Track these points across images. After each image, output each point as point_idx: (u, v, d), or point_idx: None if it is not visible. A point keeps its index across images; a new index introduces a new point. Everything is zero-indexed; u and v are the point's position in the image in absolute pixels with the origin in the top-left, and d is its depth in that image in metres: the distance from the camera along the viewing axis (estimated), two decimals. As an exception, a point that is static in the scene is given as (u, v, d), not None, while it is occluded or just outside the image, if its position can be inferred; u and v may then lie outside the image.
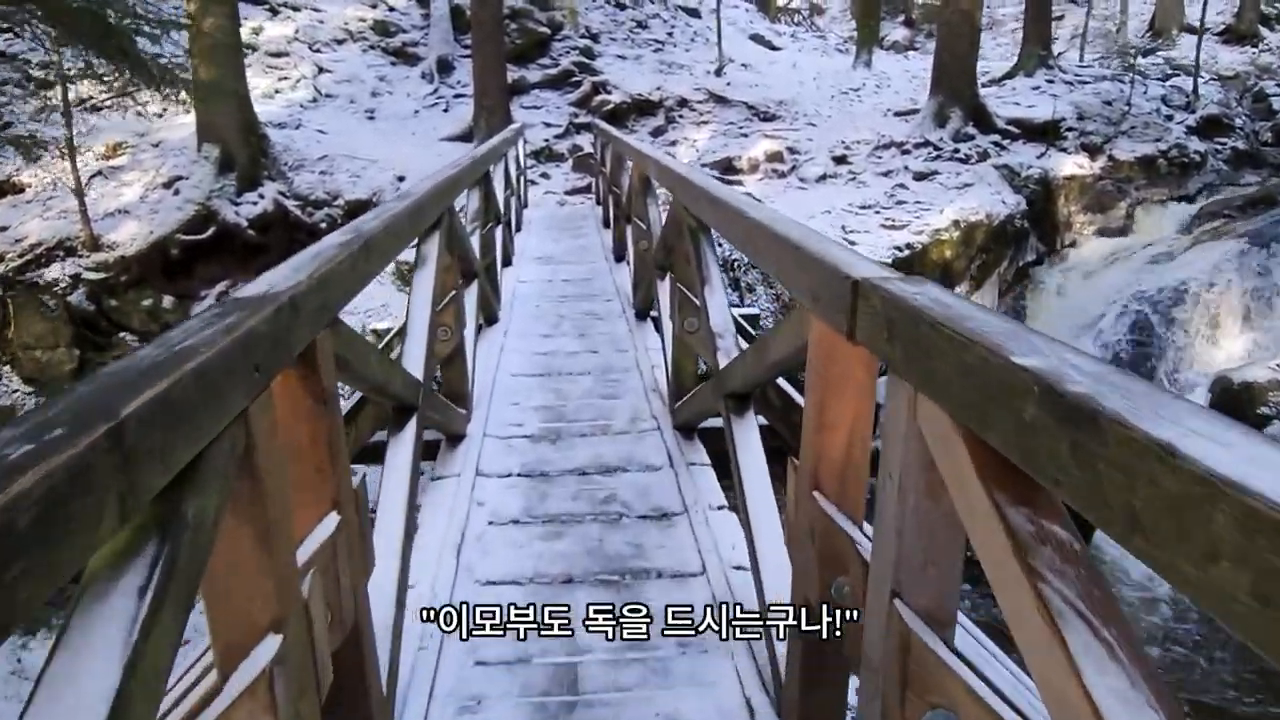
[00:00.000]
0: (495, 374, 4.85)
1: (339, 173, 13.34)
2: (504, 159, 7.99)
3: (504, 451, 3.85)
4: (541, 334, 5.71)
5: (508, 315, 6.14)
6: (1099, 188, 15.42)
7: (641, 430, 4.06)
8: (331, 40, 15.71)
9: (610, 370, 4.96)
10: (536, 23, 16.48)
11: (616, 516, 3.25)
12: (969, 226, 12.18)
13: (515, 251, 8.33)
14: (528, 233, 9.72)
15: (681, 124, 16.37)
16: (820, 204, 13.75)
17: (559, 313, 6.23)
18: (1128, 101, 16.75)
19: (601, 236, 9.28)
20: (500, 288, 6.41)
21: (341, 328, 1.99)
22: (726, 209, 2.69)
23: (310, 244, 2.18)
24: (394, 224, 2.48)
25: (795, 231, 1.94)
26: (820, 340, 1.77)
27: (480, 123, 14.49)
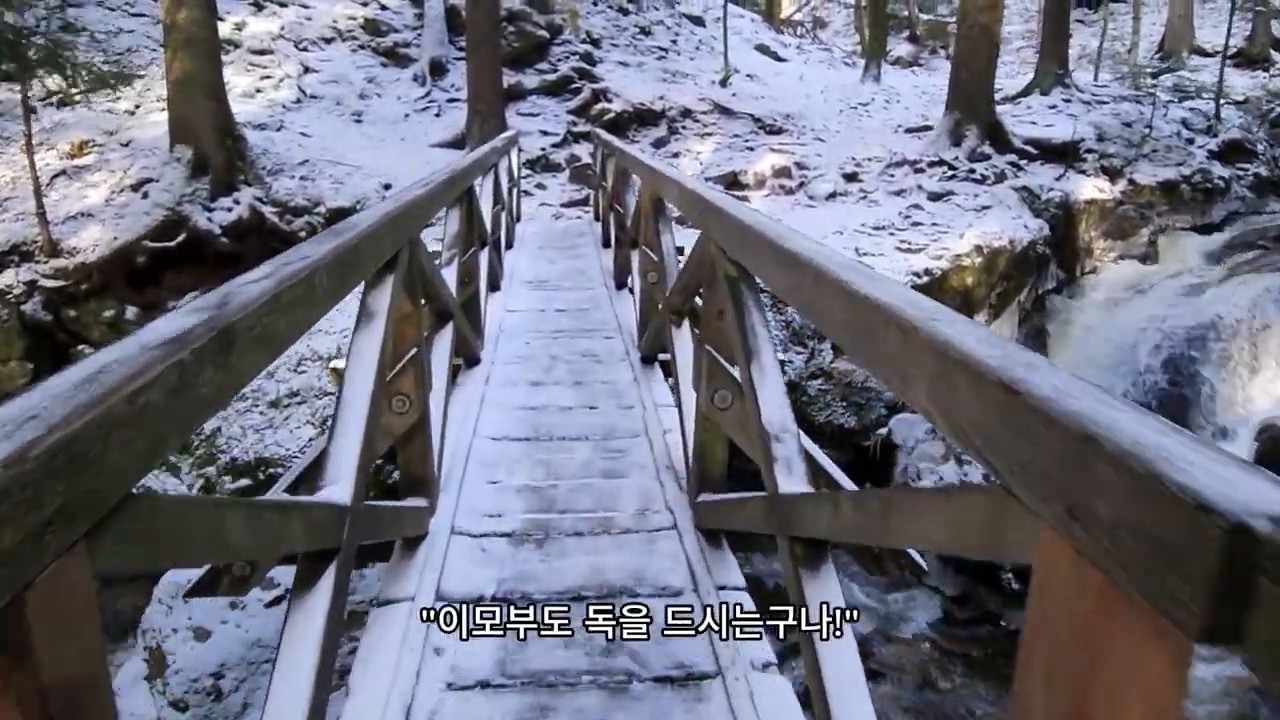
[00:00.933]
0: (471, 438, 3.91)
1: (321, 178, 12.39)
2: (494, 170, 7.07)
3: (474, 560, 2.90)
4: (530, 381, 4.77)
5: (491, 354, 5.20)
6: (1120, 213, 14.57)
7: (654, 529, 3.11)
8: (319, 38, 14.77)
9: (613, 434, 4.02)
10: (535, 26, 15.57)
11: (624, 680, 2.31)
12: (992, 252, 11.29)
13: (505, 273, 7.41)
14: (519, 250, 8.79)
15: (684, 135, 15.48)
16: (831, 223, 12.86)
17: (551, 352, 5.29)
18: (1148, 124, 15.93)
19: (600, 257, 8.36)
20: (484, 319, 5.47)
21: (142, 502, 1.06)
22: (805, 268, 1.77)
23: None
24: (296, 290, 1.55)
25: (1021, 368, 1.00)
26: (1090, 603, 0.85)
27: (473, 129, 13.56)
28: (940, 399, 1.15)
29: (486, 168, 6.46)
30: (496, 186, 7.18)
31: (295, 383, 9.46)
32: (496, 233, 7.04)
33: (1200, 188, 15.03)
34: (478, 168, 5.50)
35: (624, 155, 6.43)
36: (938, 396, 1.15)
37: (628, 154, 6.14)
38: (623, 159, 6.54)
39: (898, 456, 9.37)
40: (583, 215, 12.70)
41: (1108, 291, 13.27)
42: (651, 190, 4.79)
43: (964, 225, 12.31)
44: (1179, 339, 10.64)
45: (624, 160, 6.46)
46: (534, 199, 13.18)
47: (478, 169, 5.49)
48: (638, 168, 5.33)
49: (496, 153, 7.11)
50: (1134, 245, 14.49)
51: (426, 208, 3.13)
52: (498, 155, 7.27)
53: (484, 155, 5.97)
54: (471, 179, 5.01)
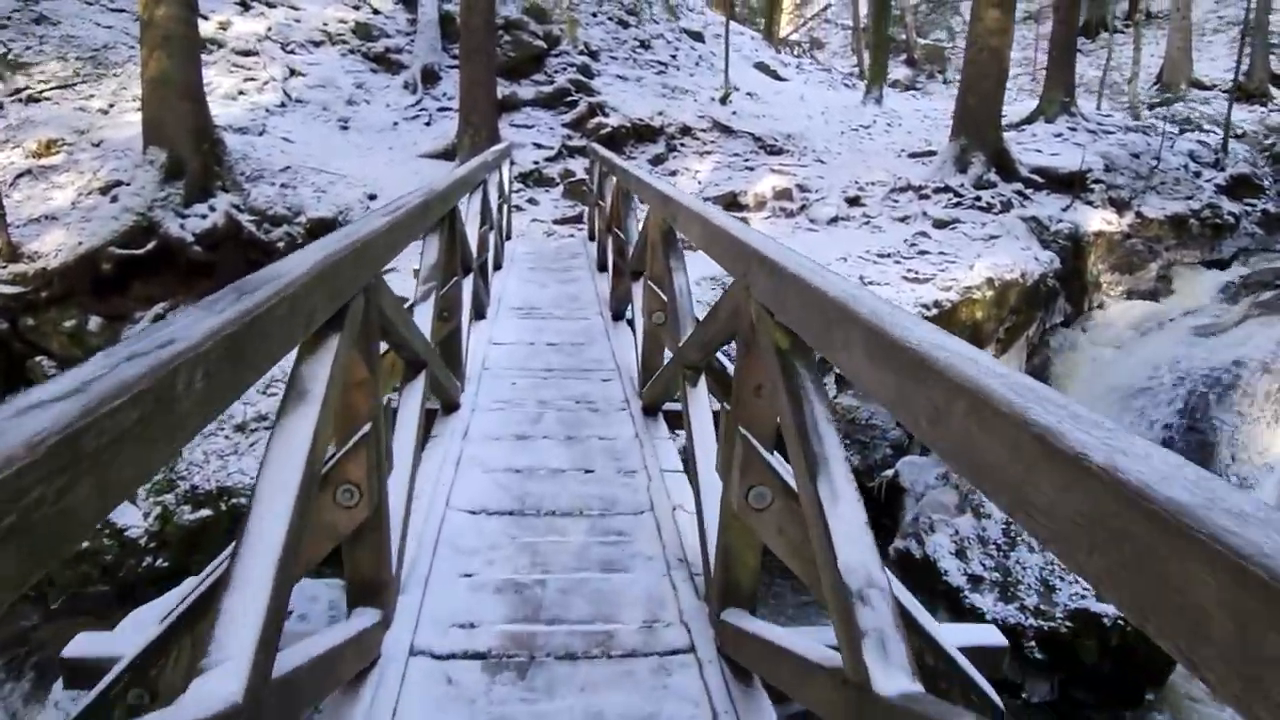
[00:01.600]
0: (444, 511, 3.24)
1: (303, 186, 11.70)
2: (482, 187, 6.41)
3: (437, 699, 2.23)
4: (516, 433, 4.10)
5: (473, 398, 4.53)
6: (1127, 246, 14.05)
7: (665, 652, 2.44)
8: (307, 41, 14.10)
9: (612, 508, 3.36)
10: (532, 35, 14.95)
11: None
12: (1003, 285, 10.71)
13: (492, 297, 6.74)
14: (508, 271, 8.12)
15: (683, 153, 14.88)
16: (834, 249, 12.26)
17: (541, 396, 4.62)
18: (1157, 155, 15.45)
19: (595, 282, 7.70)
20: (466, 357, 4.80)
21: None
22: (940, 378, 1.13)
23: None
24: (128, 413, 0.90)
25: None
26: None
27: (464, 140, 12.91)
28: None
29: (474, 185, 5.80)
30: (485, 205, 6.52)
31: (264, 405, 8.76)
32: (484, 255, 6.38)
33: (1209, 223, 14.54)
34: (463, 186, 4.83)
35: (627, 175, 5.75)
36: None
37: (632, 174, 5.46)
38: (625, 179, 5.87)
39: (905, 501, 8.74)
40: (576, 234, 12.06)
41: (1117, 327, 12.72)
42: (662, 219, 4.14)
43: (972, 255, 11.74)
44: (1197, 382, 10.07)
45: (628, 181, 5.79)
46: (525, 214, 12.53)
47: (463, 188, 4.83)
48: (645, 191, 4.67)
49: (485, 168, 6.45)
50: (1142, 280, 13.97)
51: (389, 243, 2.47)
52: (487, 170, 6.61)
53: (470, 172, 5.31)
54: (454, 200, 4.35)
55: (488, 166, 6.64)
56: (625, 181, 5.91)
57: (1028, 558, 6.88)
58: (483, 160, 6.41)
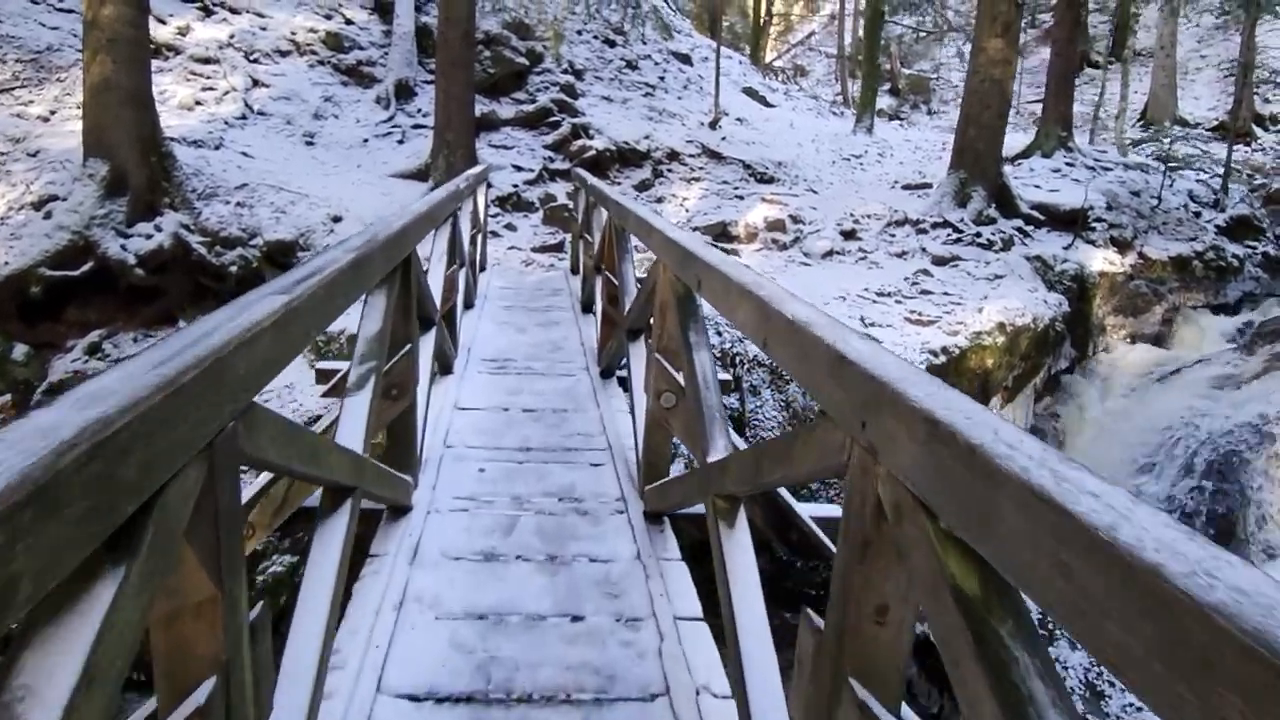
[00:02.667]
0: (373, 698, 2.26)
1: (261, 206, 10.65)
2: (452, 220, 5.44)
3: None
4: (481, 551, 3.10)
5: (429, 492, 3.53)
6: (1131, 288, 13.33)
7: None
8: (273, 50, 13.08)
9: (611, 689, 2.37)
10: (514, 52, 14.03)
11: None
12: (1014, 331, 9.88)
13: (460, 345, 5.76)
14: (481, 311, 7.13)
15: (670, 179, 14.00)
16: (831, 286, 11.39)
17: (515, 490, 3.63)
18: (1158, 194, 14.80)
19: (580, 326, 6.73)
20: (424, 434, 3.82)
21: None
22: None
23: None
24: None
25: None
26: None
27: (439, 160, 11.93)
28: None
29: (440, 220, 4.83)
30: (455, 240, 5.54)
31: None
32: (451, 299, 5.40)
33: (1213, 265, 13.86)
34: (423, 225, 3.86)
35: (625, 213, 4.71)
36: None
37: (632, 212, 4.43)
38: (622, 217, 4.82)
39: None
40: (556, 264, 11.09)
41: (1124, 374, 11.95)
42: (676, 278, 3.19)
43: (978, 296, 10.91)
44: (1219, 439, 9.27)
45: (624, 219, 4.77)
46: (502, 241, 11.56)
47: (422, 227, 3.85)
48: (653, 238, 3.65)
49: (456, 197, 5.46)
50: (1146, 324, 13.24)
51: (272, 356, 1.49)
52: (458, 200, 5.63)
53: (435, 206, 4.32)
54: (410, 244, 3.38)
55: (459, 195, 5.66)
56: (621, 219, 4.93)
57: (1070, 655, 5.98)
58: (453, 189, 5.42)
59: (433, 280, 4.53)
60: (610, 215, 5.51)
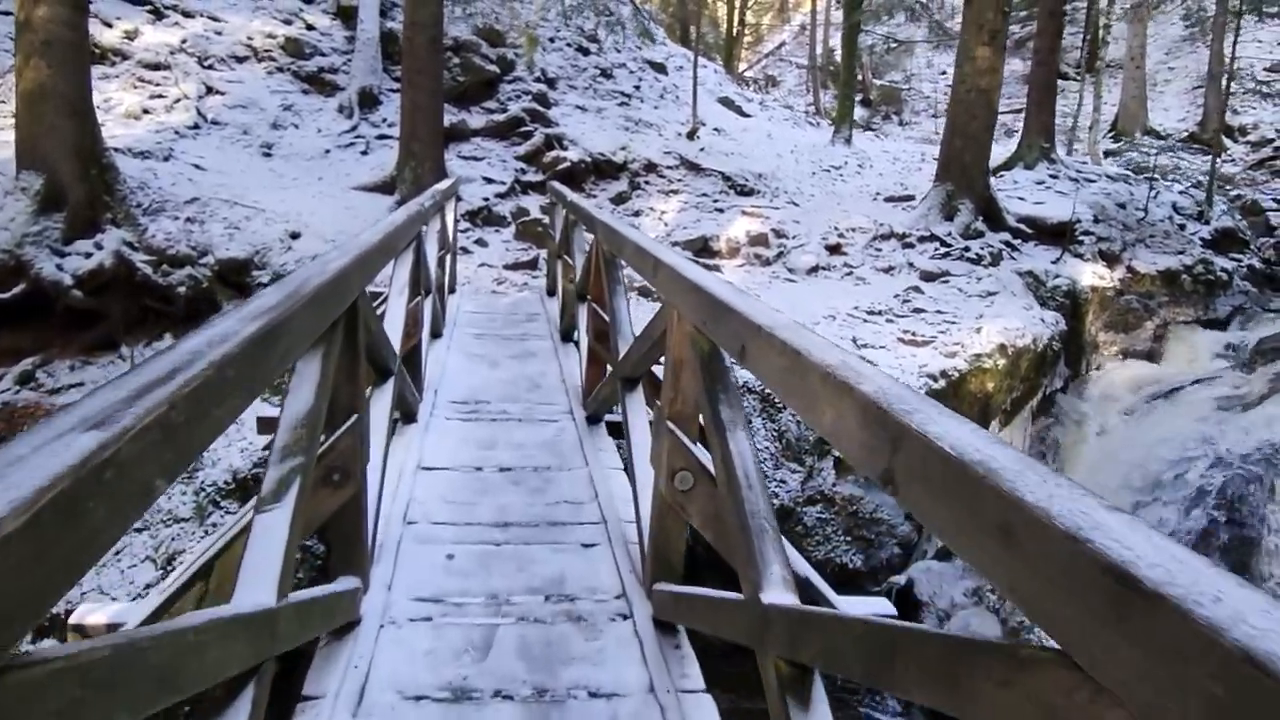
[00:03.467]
0: None
1: (212, 221, 9.83)
2: (415, 244, 4.71)
3: None
4: (449, 684, 2.36)
5: (383, 595, 2.80)
6: (1122, 304, 12.88)
7: None
8: (229, 56, 12.24)
9: None
10: (484, 59, 13.30)
11: None
12: (1016, 353, 9.32)
13: (427, 383, 5.03)
14: (450, 340, 6.40)
15: (648, 191, 13.33)
16: (819, 303, 10.78)
17: (492, 586, 2.89)
18: (1144, 206, 14.39)
19: (561, 358, 6.02)
20: (378, 515, 3.10)
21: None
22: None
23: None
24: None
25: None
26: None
27: (405, 172, 11.17)
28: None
29: (399, 248, 4.10)
30: (419, 267, 4.81)
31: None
32: (416, 334, 4.67)
33: (1202, 279, 13.44)
34: (380, 256, 3.14)
35: (619, 238, 3.93)
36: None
37: (630, 239, 3.64)
38: (616, 242, 4.03)
39: (923, 617, 7.21)
40: (530, 281, 10.37)
41: (1119, 393, 11.46)
42: (698, 328, 2.51)
43: (972, 315, 10.35)
44: (1233, 464, 8.76)
45: (619, 245, 4.01)
46: (472, 258, 10.82)
47: (379, 259, 3.14)
48: (661, 274, 2.93)
49: (419, 219, 4.73)
50: (1137, 340, 12.78)
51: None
52: (420, 222, 4.90)
53: (393, 234, 3.57)
54: (352, 292, 2.66)
55: (423, 215, 4.93)
56: (613, 245, 4.21)
57: None
58: (416, 210, 4.69)
59: (392, 320, 3.82)
60: (598, 238, 4.79)
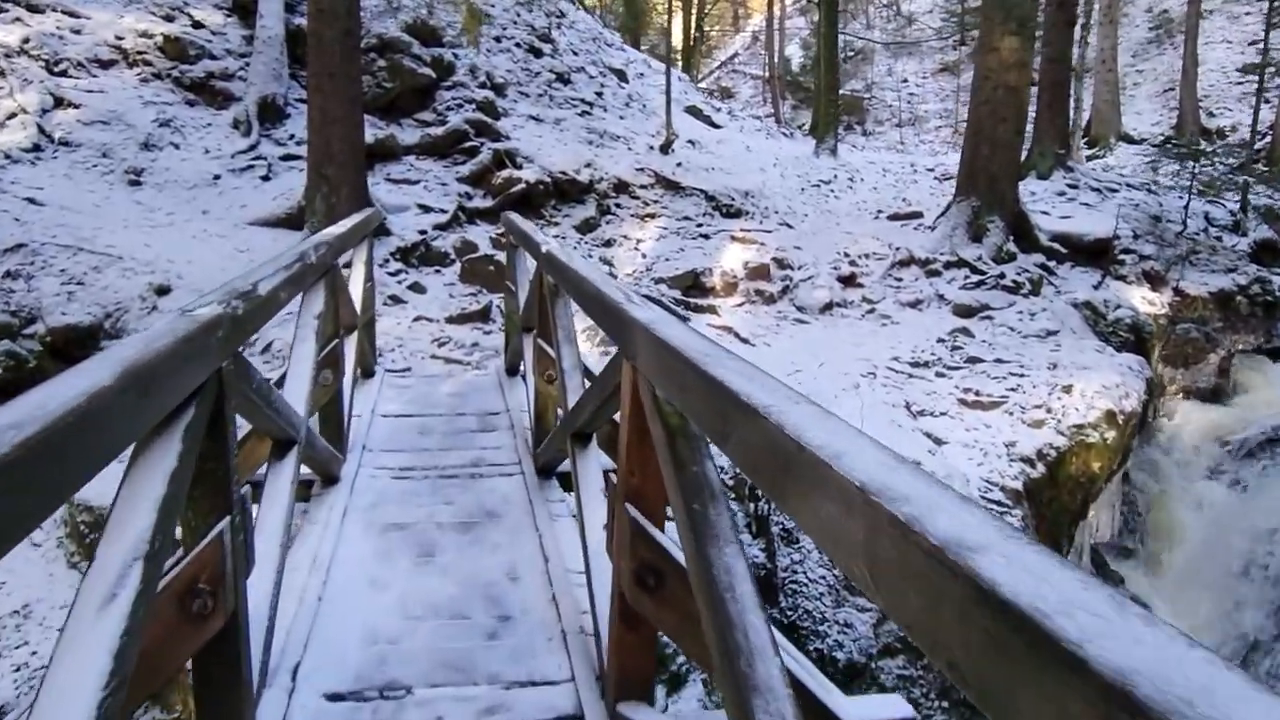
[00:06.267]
0: None
1: (45, 275, 7.07)
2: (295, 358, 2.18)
3: None
4: None
5: None
6: (1180, 333, 10.77)
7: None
8: (89, 60, 9.47)
9: None
10: (417, 61, 10.70)
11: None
12: (1126, 419, 7.03)
13: (288, 641, 2.48)
14: (350, 485, 3.81)
15: (619, 216, 10.84)
16: (845, 352, 8.39)
17: None
18: (1184, 219, 12.37)
19: (537, 521, 3.47)
20: None
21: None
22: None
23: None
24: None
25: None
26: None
27: (315, 202, 8.51)
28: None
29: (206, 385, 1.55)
30: (273, 414, 2.24)
31: None
32: (283, 545, 2.08)
33: (1259, 300, 11.40)
34: None
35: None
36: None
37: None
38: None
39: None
40: (481, 340, 7.78)
41: (1199, 446, 9.29)
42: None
43: (1041, 363, 8.05)
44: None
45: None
46: (406, 309, 8.20)
47: None
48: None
49: (255, 314, 2.17)
50: (1200, 375, 10.67)
51: None
52: (268, 309, 2.33)
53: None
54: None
55: (265, 302, 2.36)
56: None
57: None
58: (279, 280, 2.14)
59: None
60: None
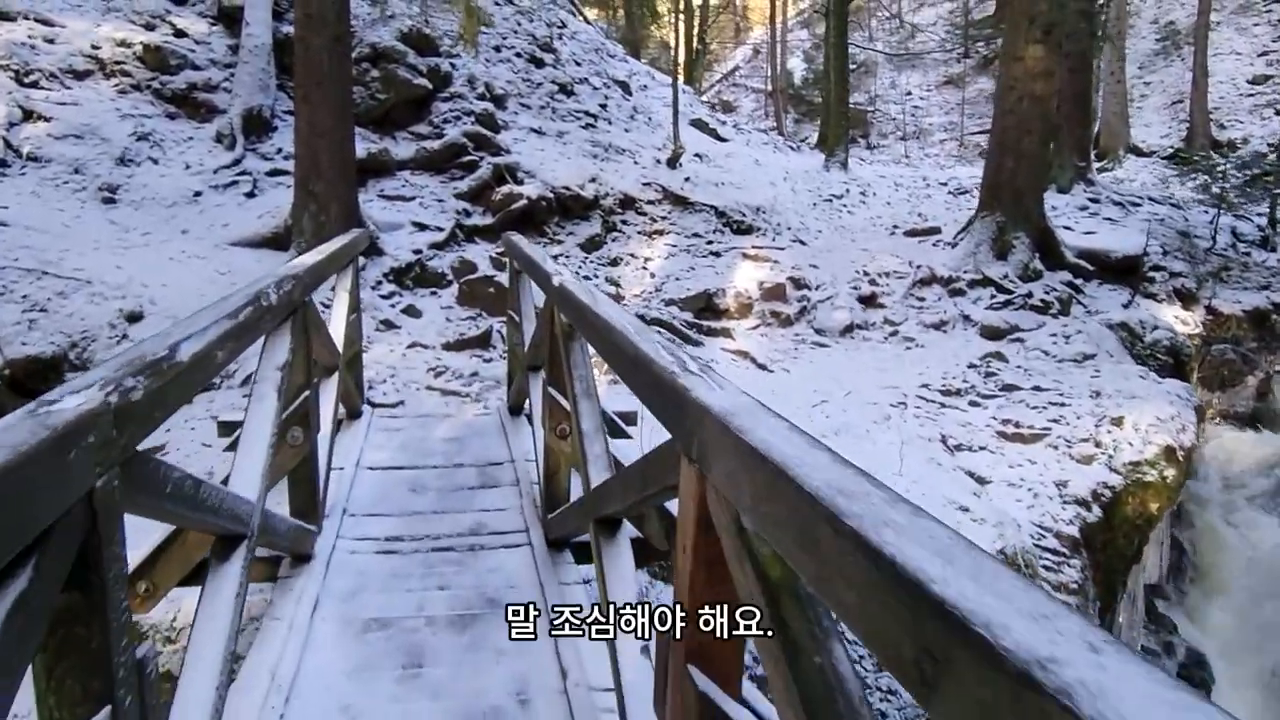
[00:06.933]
0: None
1: (5, 302, 6.45)
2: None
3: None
4: None
5: None
6: (1215, 355, 10.19)
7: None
8: (63, 70, 8.89)
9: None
10: (412, 71, 10.12)
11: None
12: (1186, 454, 6.42)
13: None
14: (326, 560, 3.19)
15: (625, 233, 10.25)
16: (870, 378, 7.78)
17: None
18: (1213, 234, 11.81)
19: (568, 651, 2.84)
20: None
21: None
22: None
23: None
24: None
25: None
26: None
27: (303, 220, 7.91)
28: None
29: None
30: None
31: None
32: None
33: (1296, 320, 10.84)
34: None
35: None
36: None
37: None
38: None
39: None
40: (481, 370, 7.16)
41: (1243, 475, 8.68)
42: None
43: (1082, 391, 7.44)
44: None
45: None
46: (399, 336, 7.59)
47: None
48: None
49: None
50: (1237, 398, 10.07)
51: None
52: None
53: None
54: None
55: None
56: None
57: None
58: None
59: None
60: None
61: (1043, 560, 5.24)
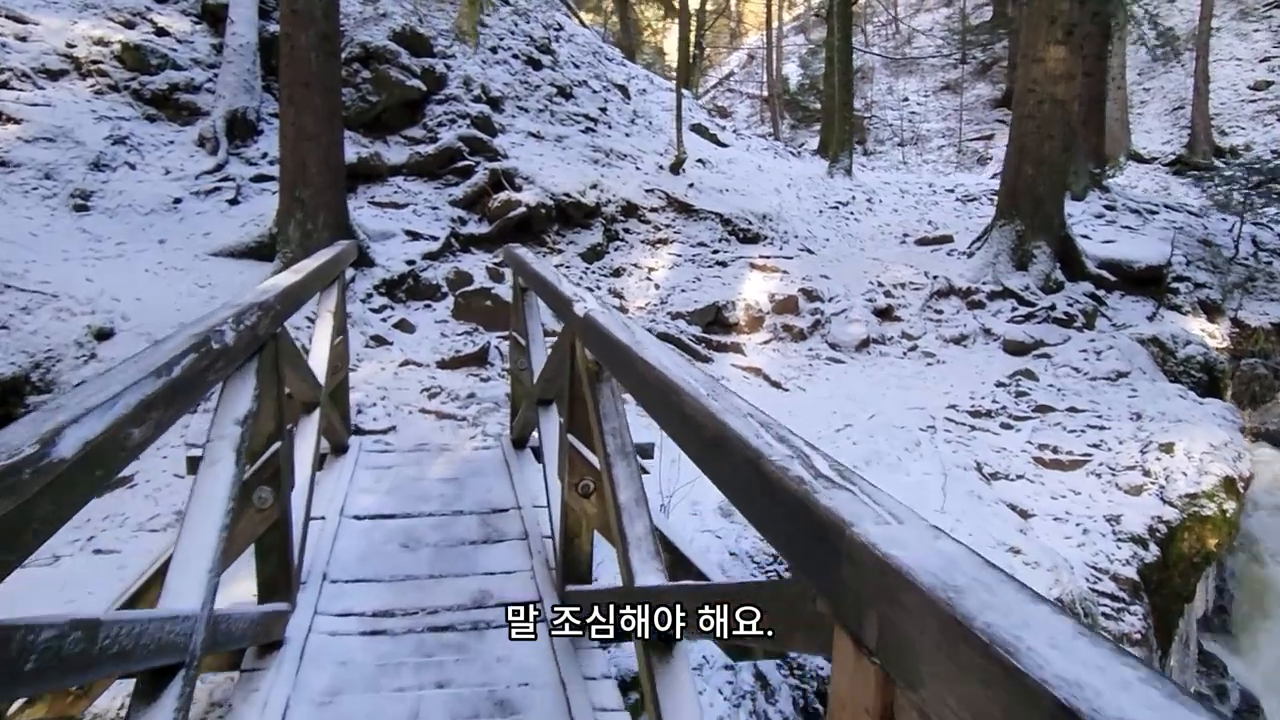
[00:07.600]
0: None
1: (-38, 319, 5.89)
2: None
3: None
4: None
5: None
6: (1245, 370, 9.71)
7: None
8: (35, 70, 8.31)
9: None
10: (405, 72, 9.57)
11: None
12: (1245, 484, 5.92)
13: None
14: (304, 646, 2.63)
15: (628, 242, 9.72)
16: (892, 398, 7.26)
17: None
18: (1236, 242, 11.34)
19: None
20: None
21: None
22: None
23: None
24: None
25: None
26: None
27: (289, 229, 7.34)
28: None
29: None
30: None
31: None
32: None
33: (1324, 332, 10.36)
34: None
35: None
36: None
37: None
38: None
39: None
40: (478, 391, 6.61)
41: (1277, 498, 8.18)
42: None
43: (1121, 412, 6.93)
44: None
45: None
46: (391, 352, 7.02)
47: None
48: None
49: None
50: (1270, 416, 9.59)
51: None
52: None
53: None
54: None
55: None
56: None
57: None
58: None
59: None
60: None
61: (1101, 607, 4.71)
